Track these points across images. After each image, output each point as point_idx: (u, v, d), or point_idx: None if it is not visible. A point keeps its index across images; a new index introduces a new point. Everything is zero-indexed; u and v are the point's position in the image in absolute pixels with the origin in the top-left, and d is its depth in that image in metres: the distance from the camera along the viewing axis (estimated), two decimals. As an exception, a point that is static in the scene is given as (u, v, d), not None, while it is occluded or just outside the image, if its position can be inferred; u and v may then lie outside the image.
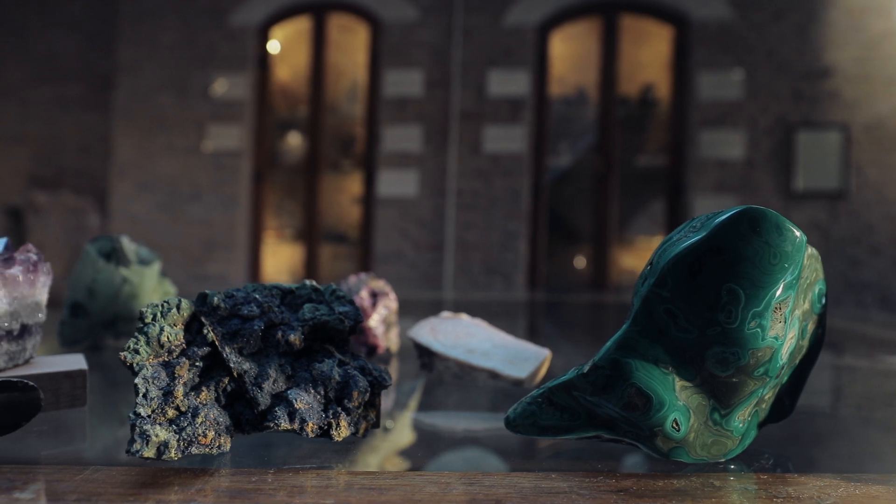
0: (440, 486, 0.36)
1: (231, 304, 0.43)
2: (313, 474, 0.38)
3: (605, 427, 0.39)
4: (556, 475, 0.38)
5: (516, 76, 3.27)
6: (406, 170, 3.34)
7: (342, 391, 0.41)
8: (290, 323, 0.43)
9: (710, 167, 3.08)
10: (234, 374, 0.40)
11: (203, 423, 0.37)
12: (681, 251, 0.36)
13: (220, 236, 3.47)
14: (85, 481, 0.36)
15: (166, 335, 0.40)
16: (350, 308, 0.44)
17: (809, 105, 3.00)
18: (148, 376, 0.38)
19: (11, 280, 0.46)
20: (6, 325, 0.46)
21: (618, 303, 2.51)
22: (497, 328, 0.64)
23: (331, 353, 0.43)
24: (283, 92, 3.66)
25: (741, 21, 3.07)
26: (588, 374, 0.38)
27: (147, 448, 0.35)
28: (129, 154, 3.51)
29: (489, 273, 3.29)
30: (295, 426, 0.39)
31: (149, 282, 0.71)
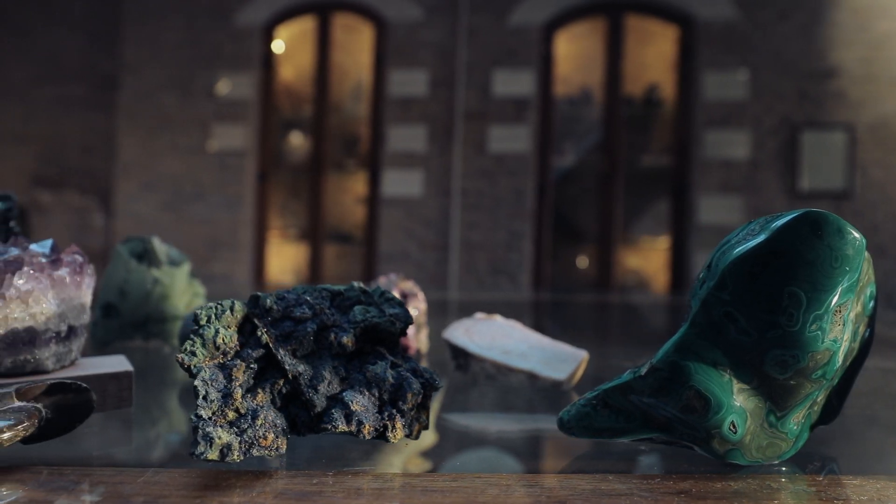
0: (501, 487, 0.36)
1: (283, 306, 0.43)
2: (370, 476, 0.38)
3: (660, 429, 0.39)
4: (613, 477, 0.38)
5: (521, 76, 3.28)
6: (411, 170, 3.34)
7: (396, 393, 0.41)
8: (342, 325, 0.43)
9: (714, 167, 3.08)
10: (288, 376, 0.40)
11: (262, 425, 0.38)
12: (741, 254, 0.36)
13: (225, 236, 3.46)
14: (147, 483, 0.36)
15: (221, 337, 0.40)
16: (400, 310, 0.45)
17: (814, 105, 3.00)
18: (206, 378, 0.38)
19: (59, 282, 0.46)
20: (55, 327, 0.46)
21: (622, 303, 2.51)
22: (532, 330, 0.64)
23: (382, 354, 0.43)
24: (288, 92, 3.66)
25: (746, 21, 3.07)
26: (646, 376, 0.38)
27: (211, 450, 0.35)
28: (133, 154, 3.51)
29: (494, 273, 3.30)
30: (352, 428, 0.39)
31: (179, 282, 0.71)
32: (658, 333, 1.56)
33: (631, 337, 1.35)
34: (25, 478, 0.36)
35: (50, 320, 0.46)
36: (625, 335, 1.38)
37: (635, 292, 3.31)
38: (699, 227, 3.09)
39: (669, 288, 3.23)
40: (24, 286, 0.45)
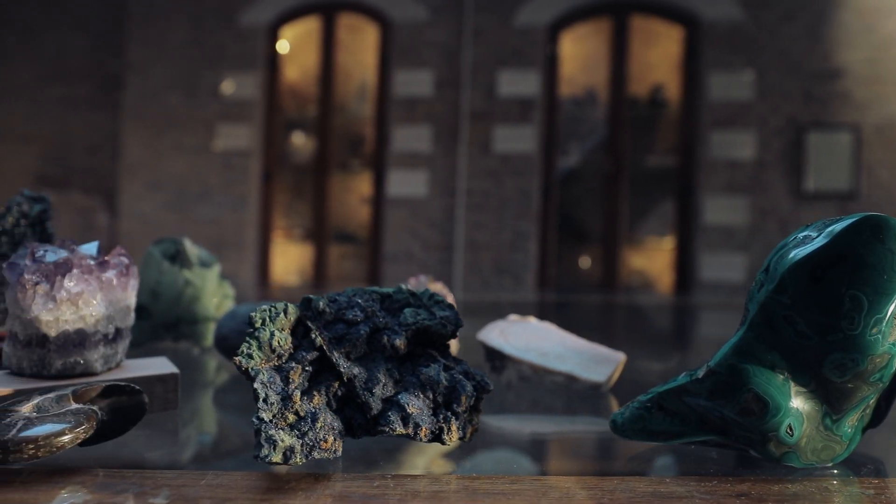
0: (561, 490, 0.36)
1: (335, 308, 0.43)
2: (428, 479, 0.38)
3: (716, 432, 0.40)
4: (670, 479, 0.38)
5: (526, 76, 3.28)
6: (416, 170, 3.34)
7: (450, 395, 0.41)
8: (393, 327, 0.43)
9: (720, 168, 3.09)
10: (343, 379, 0.40)
11: (322, 427, 0.38)
12: (801, 257, 0.36)
13: (230, 236, 3.46)
14: (210, 486, 0.36)
15: (277, 340, 0.40)
16: (450, 313, 0.45)
17: (820, 106, 3.00)
18: (265, 381, 0.38)
19: (107, 284, 0.46)
20: (103, 329, 0.46)
21: (627, 303, 2.52)
22: (567, 331, 0.64)
23: (434, 357, 0.43)
24: (293, 92, 3.66)
25: (752, 22, 3.07)
26: (703, 379, 0.38)
27: (275, 453, 0.35)
28: (138, 154, 3.51)
29: (499, 273, 3.30)
30: (409, 431, 0.39)
31: (210, 284, 0.71)
32: (664, 334, 1.56)
33: (638, 338, 1.35)
34: (85, 480, 0.36)
35: (99, 322, 0.46)
36: (631, 336, 1.39)
37: (640, 293, 3.32)
38: (704, 228, 3.10)
39: (674, 288, 3.23)
40: (74, 288, 0.45)
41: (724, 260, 3.09)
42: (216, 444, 0.49)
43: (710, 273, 3.10)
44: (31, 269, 0.44)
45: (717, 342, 1.25)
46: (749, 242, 3.07)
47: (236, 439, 0.50)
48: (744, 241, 3.08)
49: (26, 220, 0.61)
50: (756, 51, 3.07)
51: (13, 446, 0.35)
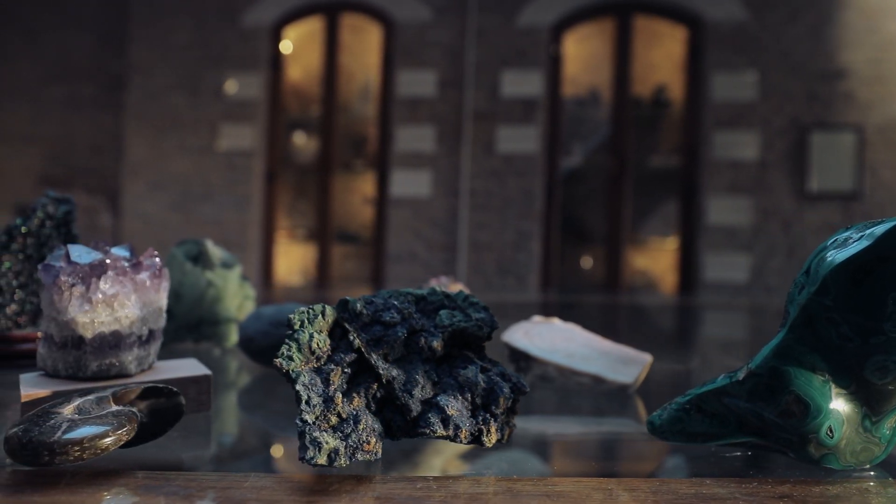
0: (604, 492, 0.37)
1: (372, 310, 0.43)
2: (470, 481, 0.38)
3: (756, 434, 0.40)
4: (711, 481, 0.39)
5: (530, 77, 3.28)
6: (419, 170, 3.34)
7: (488, 397, 0.42)
8: (429, 329, 0.44)
9: (723, 168, 3.09)
10: (382, 381, 0.40)
11: (365, 429, 0.38)
12: (844, 260, 0.36)
13: (233, 236, 3.46)
14: (255, 488, 0.36)
15: (316, 342, 0.40)
16: (486, 314, 0.45)
17: (823, 106, 3.01)
18: (306, 383, 0.38)
19: (141, 285, 0.46)
20: (137, 331, 0.46)
21: (631, 304, 2.52)
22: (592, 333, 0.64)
23: (471, 359, 0.44)
24: (296, 92, 3.66)
25: (755, 22, 3.08)
26: (744, 381, 0.39)
27: (320, 455, 0.35)
28: (142, 154, 3.50)
29: (502, 273, 3.30)
30: (449, 432, 0.39)
31: (231, 285, 0.71)
32: (668, 334, 1.56)
33: (648, 338, 1.36)
34: (127, 482, 0.36)
35: (133, 324, 0.46)
36: (639, 336, 1.39)
37: (643, 293, 3.32)
38: (708, 228, 3.10)
39: (678, 289, 3.23)
40: (109, 290, 0.45)
41: (728, 260, 3.10)
42: (250, 445, 0.49)
43: (714, 273, 3.10)
44: (67, 271, 0.44)
45: (726, 343, 1.26)
46: (752, 243, 3.08)
47: (269, 440, 0.50)
48: (747, 242, 3.08)
49: (52, 222, 0.61)
50: (759, 51, 3.07)
51: (59, 448, 0.35)
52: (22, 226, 0.60)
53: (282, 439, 0.50)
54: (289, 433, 0.51)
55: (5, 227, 0.60)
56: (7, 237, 0.60)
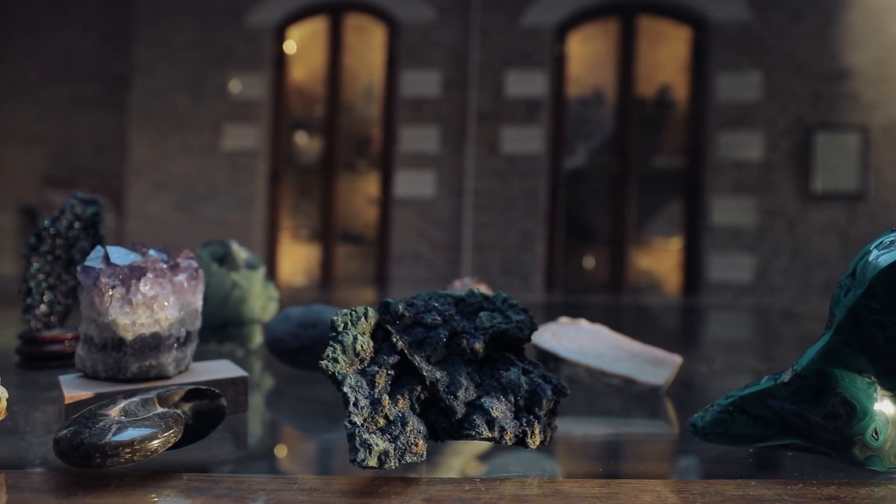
0: (653, 494, 0.37)
1: (413, 312, 0.43)
2: (517, 483, 0.38)
3: (800, 435, 0.40)
4: (756, 482, 0.39)
5: (534, 77, 3.28)
6: (423, 170, 3.34)
7: (531, 399, 0.42)
8: (469, 331, 0.44)
9: (727, 168, 3.09)
10: (426, 383, 0.41)
11: (412, 431, 0.38)
12: (891, 262, 0.36)
13: (236, 236, 3.46)
14: (304, 490, 0.36)
15: (360, 344, 0.40)
16: (525, 316, 0.45)
17: (828, 106, 3.01)
18: (353, 385, 0.38)
19: (179, 287, 0.46)
20: (176, 333, 0.46)
21: (635, 304, 2.52)
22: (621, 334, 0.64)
23: (512, 360, 0.44)
24: (299, 92, 3.66)
25: (760, 22, 3.08)
26: (789, 383, 0.39)
27: (370, 457, 0.35)
28: (145, 154, 3.50)
29: (506, 274, 3.30)
30: (495, 434, 0.39)
31: (256, 286, 0.71)
32: (676, 335, 1.57)
33: (651, 339, 1.36)
34: (176, 484, 0.36)
35: (172, 326, 0.46)
36: (645, 338, 1.39)
37: (648, 293, 3.32)
38: (712, 228, 3.10)
39: (682, 289, 3.23)
40: (149, 292, 0.45)
41: (732, 260, 3.10)
42: (286, 446, 0.49)
43: (718, 274, 3.10)
44: (107, 273, 0.44)
45: (738, 343, 1.25)
46: (756, 243, 3.08)
47: (304, 442, 0.50)
48: (751, 242, 3.08)
49: (80, 223, 0.61)
50: (764, 51, 3.07)
51: (110, 450, 0.35)
52: (50, 227, 0.60)
53: (316, 441, 0.50)
54: (320, 434, 0.51)
55: (34, 229, 0.60)
56: (36, 239, 0.60)
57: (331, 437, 0.50)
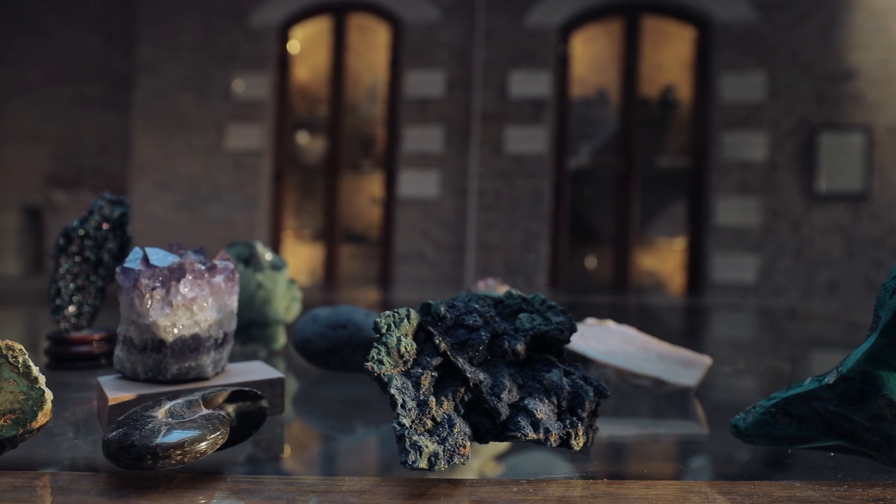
0: (700, 495, 0.37)
1: (455, 314, 0.43)
2: (564, 484, 0.38)
3: (843, 437, 0.40)
4: (801, 484, 0.39)
5: (538, 77, 3.28)
6: (427, 170, 3.34)
7: (573, 401, 0.42)
8: (509, 332, 0.44)
9: (732, 169, 3.09)
10: (469, 384, 0.41)
11: (459, 432, 0.38)
12: (939, 264, 0.36)
13: (240, 236, 3.46)
14: (354, 492, 0.36)
15: (404, 346, 0.40)
16: (565, 318, 0.45)
17: (832, 107, 3.01)
18: (399, 387, 0.38)
19: (217, 288, 0.46)
20: (214, 334, 0.46)
21: (639, 304, 2.52)
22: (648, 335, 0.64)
23: (553, 362, 0.44)
24: (303, 92, 3.66)
25: (764, 23, 3.08)
26: (834, 385, 0.39)
27: (421, 459, 0.35)
28: (149, 154, 3.50)
29: (511, 274, 3.30)
30: (540, 436, 0.39)
31: (280, 287, 0.71)
32: (681, 335, 1.57)
33: (673, 340, 1.36)
34: (222, 486, 0.36)
35: (211, 327, 0.46)
36: (662, 338, 1.39)
37: (652, 294, 3.32)
38: (716, 229, 3.10)
39: (686, 289, 3.23)
40: (188, 294, 0.45)
41: (736, 261, 3.10)
42: (321, 447, 0.49)
43: (722, 274, 3.11)
44: (147, 275, 0.44)
45: (751, 344, 1.25)
46: (761, 243, 3.08)
47: (343, 443, 0.50)
48: (756, 242, 3.08)
49: (108, 224, 0.61)
50: (768, 52, 3.07)
51: (162, 452, 0.35)
52: (79, 228, 0.60)
53: (351, 441, 0.50)
54: (354, 435, 0.51)
55: (63, 230, 0.60)
56: (65, 240, 0.60)
57: (364, 438, 0.50)
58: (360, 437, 0.51)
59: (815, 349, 1.18)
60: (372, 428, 0.53)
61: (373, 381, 0.64)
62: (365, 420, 0.54)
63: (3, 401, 0.38)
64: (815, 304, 2.96)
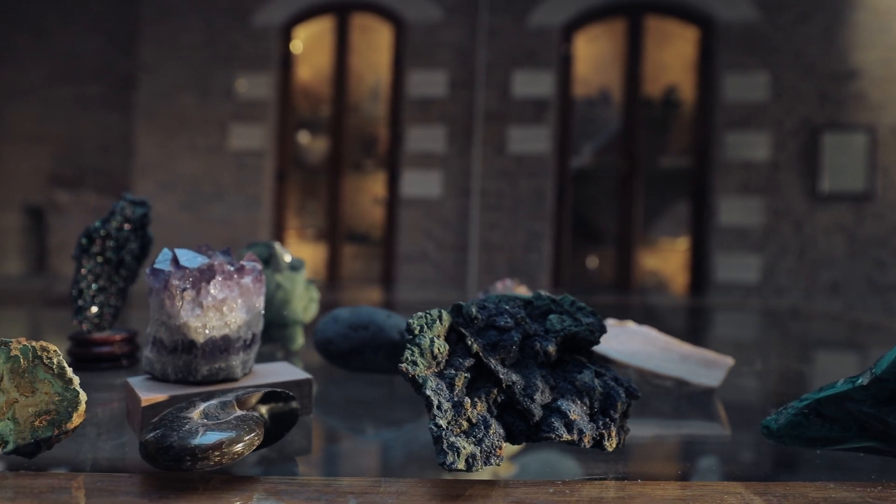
0: (736, 496, 0.37)
1: (486, 315, 0.43)
2: (599, 485, 0.38)
3: (877, 438, 0.40)
4: (835, 485, 0.39)
5: (541, 77, 3.28)
6: (430, 170, 3.34)
7: (605, 402, 0.42)
8: (540, 334, 0.44)
9: (734, 169, 3.09)
10: (502, 386, 0.41)
11: (495, 434, 0.38)
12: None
13: (243, 236, 3.46)
14: (392, 494, 0.36)
15: (437, 347, 0.40)
16: (594, 319, 0.45)
17: (835, 107, 3.02)
18: (434, 388, 0.38)
19: (245, 289, 0.46)
20: (244, 335, 0.46)
21: (642, 304, 2.52)
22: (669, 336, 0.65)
23: (583, 363, 0.44)
24: (306, 92, 3.65)
25: (767, 23, 3.08)
26: (868, 386, 0.39)
27: (459, 460, 0.35)
28: (151, 154, 3.50)
29: (513, 274, 3.30)
30: (574, 437, 0.39)
31: (298, 287, 0.71)
32: (684, 335, 1.57)
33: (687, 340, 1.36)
34: (264, 487, 0.36)
35: (241, 328, 0.46)
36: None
37: (654, 293, 3.32)
38: (719, 229, 3.11)
39: (688, 289, 3.24)
40: (218, 295, 0.45)
41: (739, 261, 3.10)
42: (347, 447, 0.49)
43: (725, 274, 3.11)
44: (177, 276, 0.44)
45: (755, 344, 1.25)
46: (763, 243, 3.08)
47: (369, 443, 0.51)
48: (758, 242, 3.09)
49: (129, 224, 0.61)
50: (771, 52, 3.08)
51: (201, 453, 0.35)
52: (101, 229, 0.60)
53: (378, 442, 0.50)
54: (379, 435, 0.51)
55: (84, 230, 0.60)
56: (87, 240, 0.60)
57: (387, 438, 0.51)
58: (384, 437, 0.51)
59: (825, 350, 1.18)
60: (393, 429, 0.53)
61: (391, 382, 0.64)
62: (385, 421, 0.54)
63: (39, 402, 0.38)
64: (818, 304, 2.96)
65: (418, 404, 0.58)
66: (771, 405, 0.61)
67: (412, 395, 0.61)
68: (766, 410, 0.60)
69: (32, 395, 0.38)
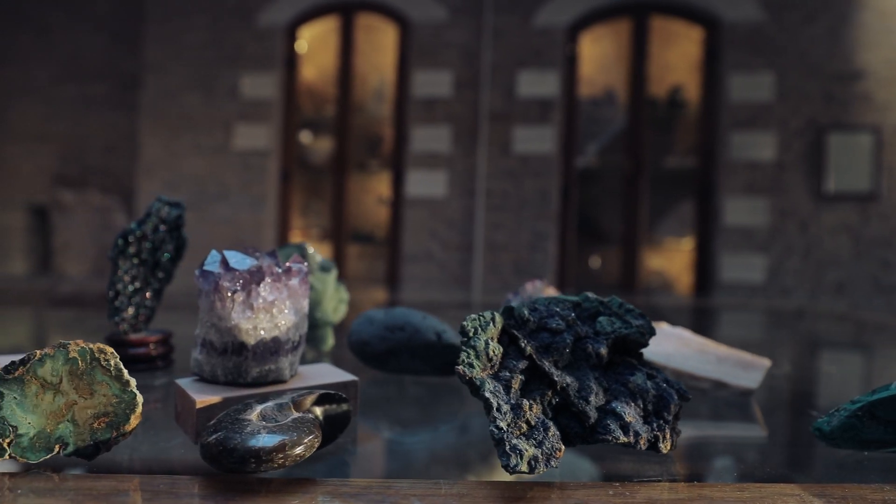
0: (795, 498, 0.37)
1: (538, 317, 0.43)
2: (658, 487, 0.38)
3: (932, 439, 0.40)
4: (890, 487, 0.39)
5: (546, 77, 3.28)
6: (435, 170, 3.34)
7: (658, 404, 0.42)
8: (590, 335, 0.44)
9: (740, 169, 3.10)
10: (557, 388, 0.41)
11: (554, 436, 0.38)
12: None
13: (247, 236, 3.45)
14: (458, 496, 0.36)
15: (492, 349, 0.40)
16: (644, 321, 0.45)
17: (841, 107, 3.02)
18: (492, 390, 0.38)
19: (293, 291, 0.46)
20: (292, 337, 0.46)
21: (647, 304, 2.52)
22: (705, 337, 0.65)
23: (635, 365, 0.44)
24: (310, 92, 3.65)
25: (773, 23, 3.09)
26: (925, 388, 0.39)
27: (522, 462, 0.36)
28: (156, 153, 3.50)
29: (518, 274, 3.30)
30: (630, 439, 0.39)
31: (329, 288, 0.71)
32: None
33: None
34: (326, 489, 0.36)
35: (289, 330, 0.46)
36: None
37: (659, 294, 3.33)
38: (724, 229, 3.11)
39: (694, 290, 3.24)
40: (268, 296, 0.45)
41: (744, 261, 3.11)
42: (399, 450, 0.49)
43: (730, 274, 3.11)
44: (227, 278, 0.44)
45: (765, 344, 1.25)
46: (769, 244, 3.09)
47: (415, 445, 0.51)
48: (764, 242, 3.09)
49: (165, 225, 0.61)
50: (777, 52, 3.08)
51: (265, 455, 0.35)
52: (137, 230, 0.60)
53: (423, 443, 0.50)
54: (424, 435, 0.51)
55: (121, 231, 0.60)
56: (123, 241, 0.60)
57: (433, 439, 0.51)
58: (423, 437, 0.51)
59: (833, 350, 1.18)
60: (435, 429, 0.53)
61: (425, 383, 0.64)
62: (428, 422, 0.54)
63: (97, 404, 0.38)
64: (823, 304, 2.97)
65: (454, 404, 0.58)
66: (807, 406, 0.62)
67: (445, 395, 0.61)
68: (803, 412, 0.60)
69: (91, 398, 0.38)
